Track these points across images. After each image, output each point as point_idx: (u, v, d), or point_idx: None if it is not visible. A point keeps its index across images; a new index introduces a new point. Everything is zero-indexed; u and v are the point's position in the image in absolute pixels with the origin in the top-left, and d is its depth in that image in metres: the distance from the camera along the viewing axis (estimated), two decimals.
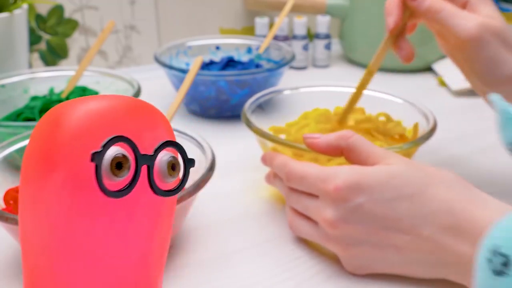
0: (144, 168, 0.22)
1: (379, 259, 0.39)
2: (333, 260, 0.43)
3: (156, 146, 0.22)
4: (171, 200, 0.25)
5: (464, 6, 0.47)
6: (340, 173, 0.39)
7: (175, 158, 0.23)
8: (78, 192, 0.21)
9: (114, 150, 0.21)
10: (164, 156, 0.22)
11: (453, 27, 0.45)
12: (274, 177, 0.48)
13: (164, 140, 0.22)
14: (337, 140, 0.42)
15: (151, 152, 0.22)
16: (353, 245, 0.39)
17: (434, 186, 0.37)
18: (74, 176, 0.21)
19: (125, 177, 0.21)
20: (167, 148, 0.23)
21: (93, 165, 0.20)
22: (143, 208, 0.23)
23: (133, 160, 0.21)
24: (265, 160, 0.49)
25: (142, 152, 0.22)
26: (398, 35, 0.51)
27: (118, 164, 0.21)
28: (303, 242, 0.45)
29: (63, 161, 0.21)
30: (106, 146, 0.20)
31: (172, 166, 0.23)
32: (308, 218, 0.43)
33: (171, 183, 0.23)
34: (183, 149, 0.23)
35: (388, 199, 0.37)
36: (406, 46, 0.51)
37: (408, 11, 0.50)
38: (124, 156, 0.21)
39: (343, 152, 0.42)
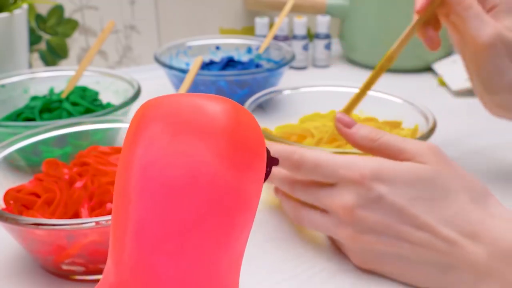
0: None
1: (389, 253, 0.39)
2: (335, 260, 0.43)
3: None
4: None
5: (491, 9, 0.49)
6: (367, 162, 0.39)
7: None
8: None
9: None
10: None
11: (472, 29, 0.47)
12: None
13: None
14: (367, 141, 0.42)
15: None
16: (366, 233, 0.39)
17: (458, 194, 0.38)
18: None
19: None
20: None
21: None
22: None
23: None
24: None
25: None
26: (425, 22, 0.51)
27: None
28: (304, 241, 0.45)
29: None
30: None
31: None
32: (314, 208, 0.43)
33: None
34: (268, 150, 0.26)
35: (409, 196, 0.38)
36: (433, 34, 0.52)
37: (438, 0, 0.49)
38: None
39: (372, 152, 0.42)
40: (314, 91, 0.61)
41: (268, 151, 0.25)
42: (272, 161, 0.25)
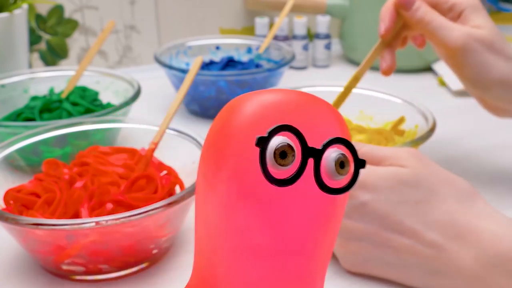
0: (310, 162, 0.22)
1: (375, 259, 0.39)
2: (334, 260, 0.43)
3: (325, 141, 0.22)
4: (339, 200, 0.24)
5: (458, 16, 0.50)
6: None
7: (344, 156, 0.22)
8: (246, 180, 0.22)
9: (280, 139, 0.21)
10: (333, 152, 0.22)
11: (441, 38, 0.48)
12: None
13: (335, 137, 0.22)
14: None
15: (319, 147, 0.22)
16: (352, 240, 0.39)
17: (442, 196, 0.37)
18: (243, 162, 0.22)
19: (290, 167, 0.21)
20: (338, 145, 0.22)
21: (257, 150, 0.21)
22: (309, 203, 0.23)
23: (299, 152, 0.21)
24: None
25: (311, 145, 0.22)
26: (388, 44, 0.53)
27: (283, 153, 0.21)
28: None
29: (234, 148, 0.22)
30: (272, 133, 0.21)
31: (341, 164, 0.22)
32: None
33: (338, 181, 0.22)
34: (354, 148, 0.23)
35: (392, 202, 0.37)
36: (390, 58, 0.53)
37: (401, 21, 0.51)
38: (289, 146, 0.21)
39: None
40: (314, 91, 0.61)
41: (356, 153, 0.23)
42: (359, 163, 0.23)
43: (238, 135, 0.22)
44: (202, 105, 0.70)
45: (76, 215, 0.42)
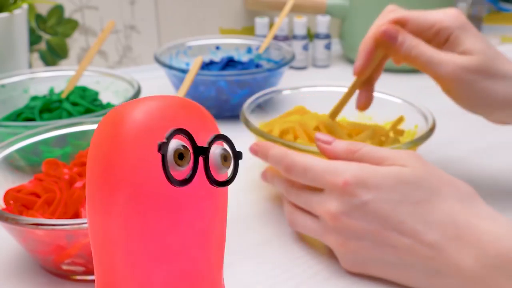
0: (201, 160, 0.24)
1: (375, 259, 0.39)
2: (333, 260, 0.43)
3: (209, 139, 0.24)
4: (224, 192, 0.26)
5: (446, 40, 0.47)
6: (350, 168, 0.39)
7: (226, 150, 0.24)
8: (145, 189, 0.23)
9: (176, 142, 0.23)
10: (216, 148, 0.24)
11: (432, 73, 0.47)
12: (271, 174, 0.47)
13: (216, 134, 0.24)
14: (346, 154, 0.42)
15: (205, 145, 0.24)
16: (352, 240, 0.39)
17: (443, 196, 0.37)
18: (139, 171, 0.23)
19: (186, 168, 0.23)
20: (218, 141, 0.24)
21: (159, 155, 0.22)
22: (202, 200, 0.25)
23: (191, 152, 0.23)
24: (256, 151, 0.47)
25: (198, 144, 0.24)
26: (365, 81, 0.52)
27: (180, 155, 0.23)
28: (303, 242, 0.45)
29: (128, 157, 0.23)
30: (170, 137, 0.22)
31: (224, 158, 0.24)
32: (308, 212, 0.43)
33: (223, 174, 0.24)
34: (232, 142, 0.25)
35: (393, 201, 0.37)
36: (365, 96, 0.53)
37: (381, 54, 0.50)
38: (185, 147, 0.23)
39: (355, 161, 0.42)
40: (314, 91, 0.61)
41: (234, 146, 0.25)
42: (238, 155, 0.25)
43: (131, 145, 0.23)
44: (202, 105, 0.70)
45: (76, 215, 0.42)
